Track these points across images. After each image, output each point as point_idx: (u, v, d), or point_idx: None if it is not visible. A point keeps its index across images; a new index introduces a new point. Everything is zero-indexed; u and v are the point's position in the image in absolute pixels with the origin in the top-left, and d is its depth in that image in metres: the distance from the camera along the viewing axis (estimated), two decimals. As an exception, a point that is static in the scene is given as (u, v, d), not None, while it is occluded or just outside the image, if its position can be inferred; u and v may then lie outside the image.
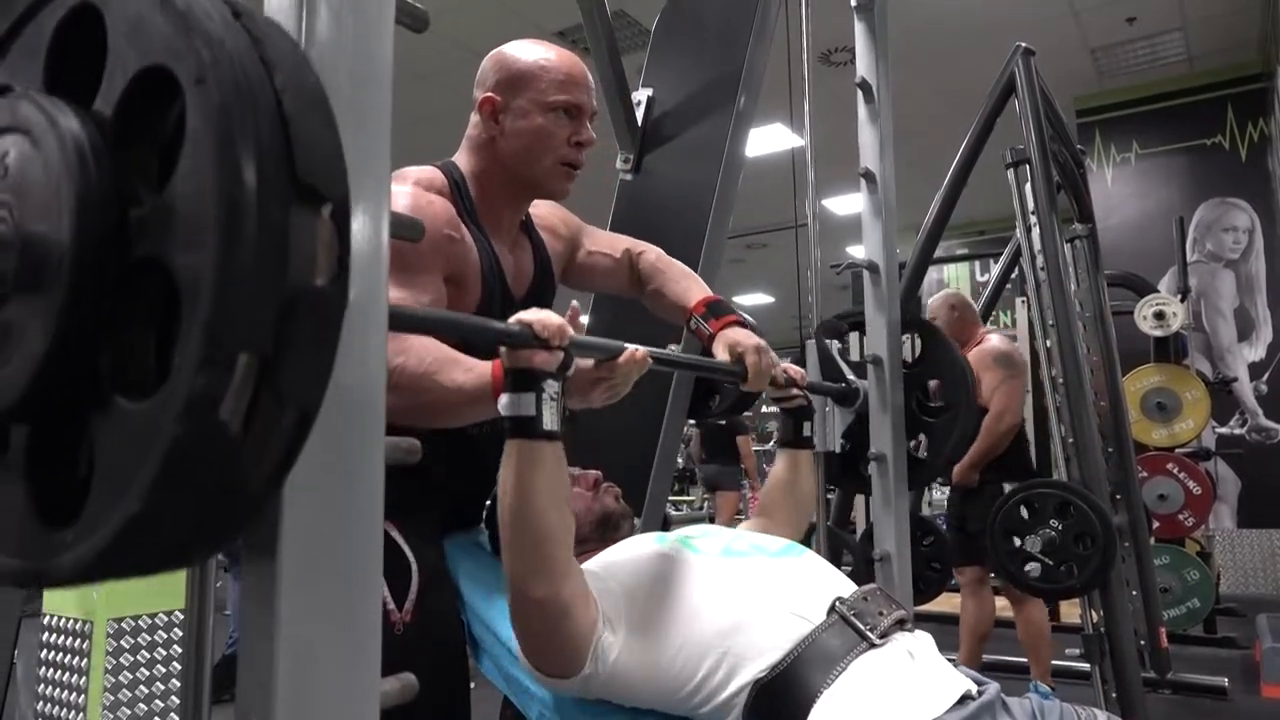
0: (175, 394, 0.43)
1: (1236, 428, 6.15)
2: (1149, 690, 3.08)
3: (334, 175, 0.48)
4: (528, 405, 1.00)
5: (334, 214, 0.48)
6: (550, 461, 1.02)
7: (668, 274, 1.55)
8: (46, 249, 0.46)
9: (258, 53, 0.47)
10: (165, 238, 0.45)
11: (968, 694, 0.98)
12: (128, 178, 0.48)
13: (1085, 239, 3.49)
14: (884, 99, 2.01)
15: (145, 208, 0.47)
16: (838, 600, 1.07)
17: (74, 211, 0.46)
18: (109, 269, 0.47)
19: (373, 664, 0.60)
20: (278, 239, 0.44)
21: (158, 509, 0.43)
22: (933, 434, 1.95)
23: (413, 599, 1.21)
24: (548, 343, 1.00)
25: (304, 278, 0.46)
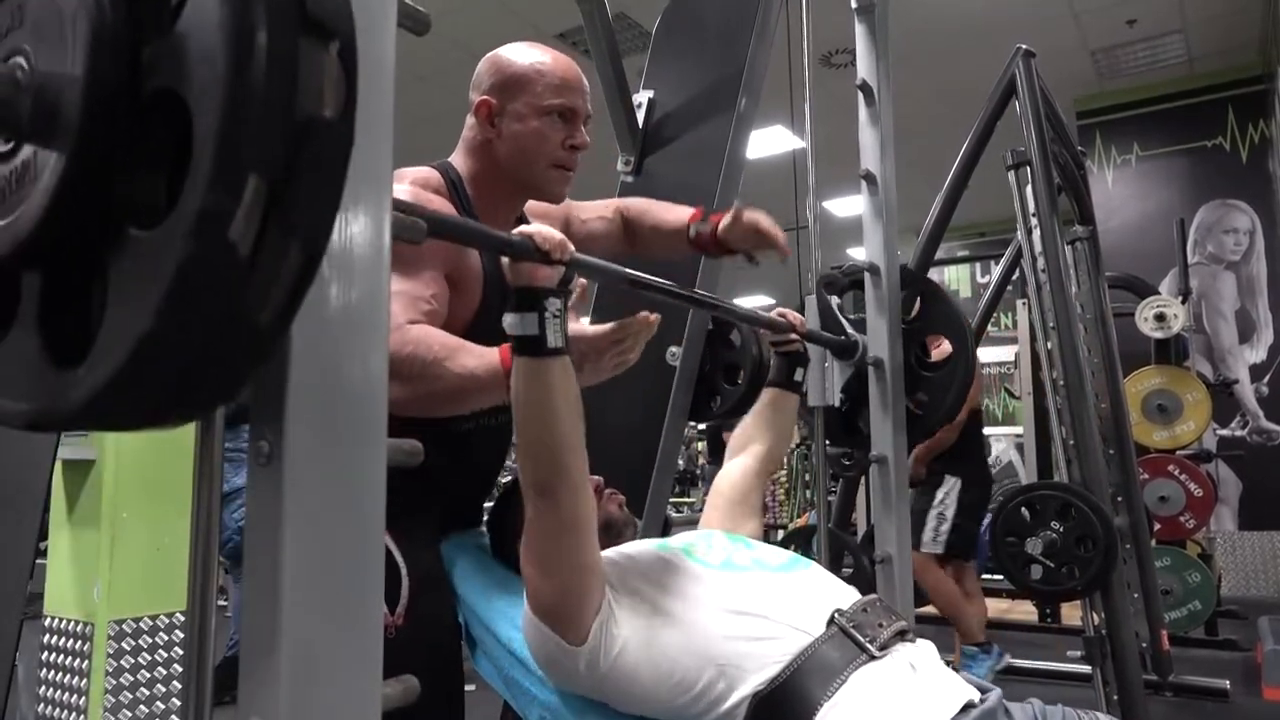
0: (185, 215, 0.44)
1: (1238, 430, 6.14)
2: (1150, 692, 3.08)
3: (341, 12, 0.49)
4: (531, 324, 1.01)
5: (341, 52, 0.48)
6: (557, 376, 1.03)
7: (653, 210, 1.63)
8: (61, 89, 0.47)
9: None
10: (177, 70, 0.46)
11: (970, 703, 0.98)
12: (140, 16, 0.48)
13: (1086, 241, 3.49)
14: (884, 101, 2.01)
15: (157, 45, 0.48)
16: (836, 612, 1.07)
17: (88, 50, 0.47)
18: (122, 104, 0.47)
19: (374, 666, 0.60)
20: (287, 68, 0.45)
21: (166, 330, 0.44)
22: (931, 388, 1.96)
23: (404, 603, 1.21)
24: (548, 255, 1.00)
25: (312, 108, 0.46)
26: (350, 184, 0.62)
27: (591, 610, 1.06)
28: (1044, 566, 2.45)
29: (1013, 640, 4.75)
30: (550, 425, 1.03)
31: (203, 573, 0.61)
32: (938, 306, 2.01)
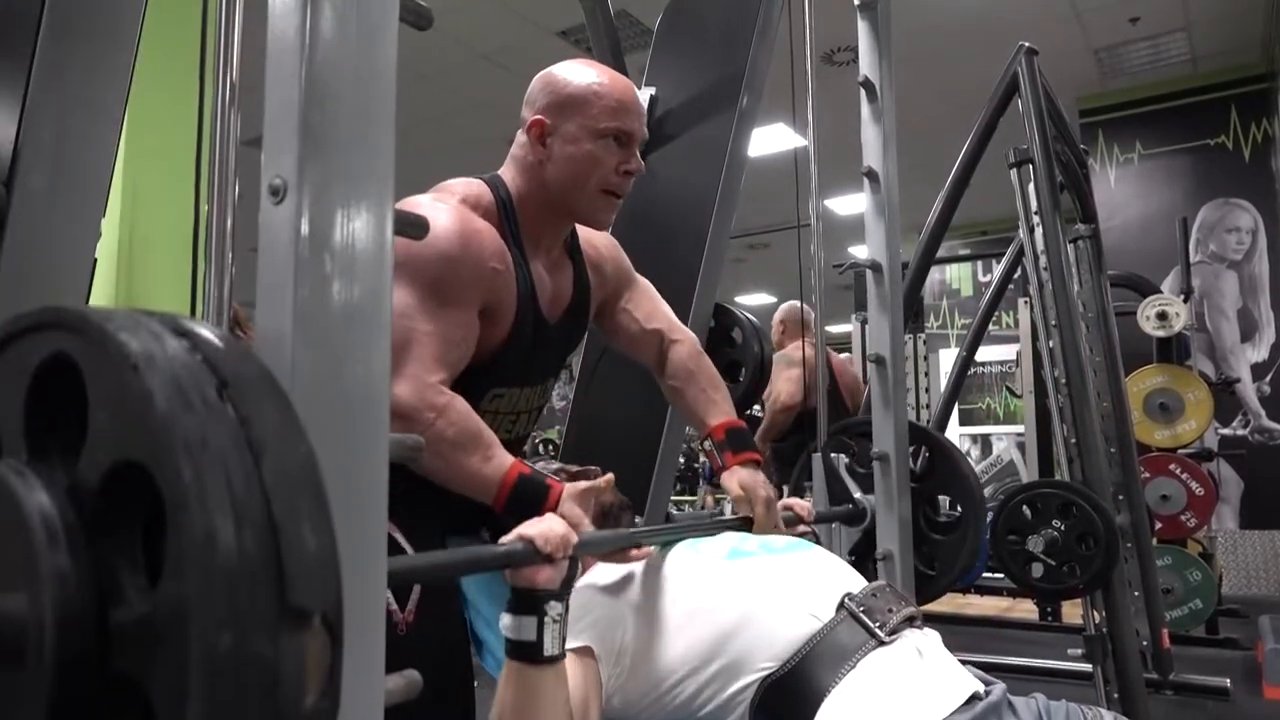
0: None
1: (1239, 429, 6.14)
2: (1151, 691, 3.08)
3: (326, 584, 0.45)
4: (529, 630, 0.97)
5: (324, 620, 0.45)
6: (550, 688, 1.00)
7: (695, 378, 1.49)
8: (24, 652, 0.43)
9: (245, 434, 0.44)
10: (146, 660, 0.43)
11: (976, 694, 0.98)
12: (111, 569, 0.45)
13: (1088, 239, 3.49)
14: (886, 98, 2.01)
15: (128, 611, 0.44)
16: (847, 596, 1.07)
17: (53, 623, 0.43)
18: (89, 682, 0.44)
19: (377, 660, 0.60)
20: (265, 676, 0.42)
21: None
22: (941, 550, 1.94)
23: (415, 599, 1.21)
24: (550, 557, 0.97)
25: (292, 704, 0.43)
26: (352, 182, 0.62)
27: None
28: (1045, 565, 2.44)
29: (1013, 639, 4.76)
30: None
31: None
32: (946, 464, 1.98)
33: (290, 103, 0.60)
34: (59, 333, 0.48)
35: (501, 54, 5.66)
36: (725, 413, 1.47)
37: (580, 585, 1.16)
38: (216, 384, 0.45)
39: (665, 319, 1.54)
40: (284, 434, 0.46)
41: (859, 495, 1.88)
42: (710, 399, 1.48)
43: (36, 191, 0.99)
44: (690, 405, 1.49)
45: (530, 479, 1.16)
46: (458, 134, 6.38)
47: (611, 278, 1.50)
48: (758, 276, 10.96)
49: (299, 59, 0.60)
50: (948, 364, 5.38)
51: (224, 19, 0.91)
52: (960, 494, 1.96)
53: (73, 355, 0.47)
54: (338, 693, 0.46)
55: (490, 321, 1.27)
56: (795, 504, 1.50)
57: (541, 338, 1.36)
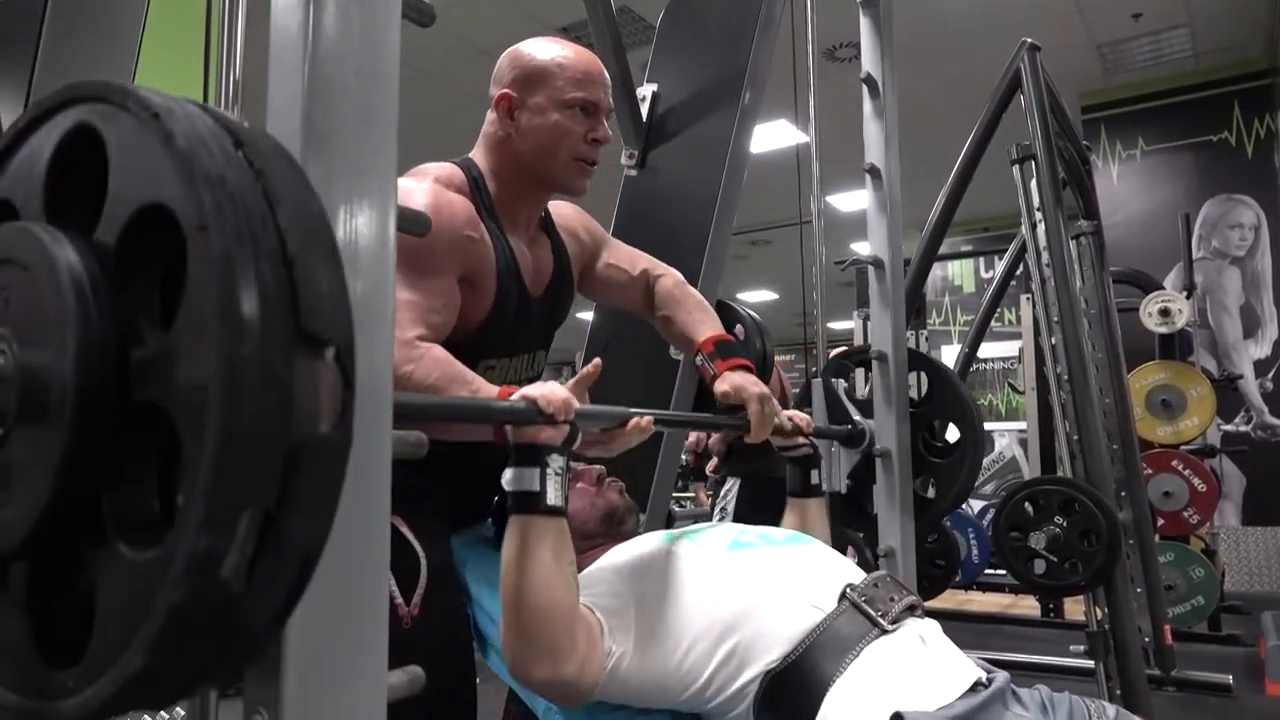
0: (176, 554, 0.42)
1: (1242, 425, 6.13)
2: (1153, 687, 3.08)
3: (338, 317, 0.47)
4: (531, 480, 0.98)
5: (338, 356, 0.47)
6: (553, 538, 1.01)
7: (682, 303, 1.52)
8: (48, 386, 0.46)
9: (260, 186, 0.46)
10: (166, 385, 0.45)
11: (979, 681, 0.99)
12: (130, 314, 0.47)
13: (1090, 235, 3.49)
14: (889, 95, 2.01)
15: (147, 348, 0.46)
16: (848, 587, 1.08)
17: (75, 351, 0.45)
18: (111, 410, 0.46)
19: (379, 656, 0.60)
20: (281, 392, 0.43)
21: (158, 665, 0.43)
22: (940, 474, 1.95)
23: (420, 593, 1.21)
24: (552, 418, 0.98)
25: (307, 428, 0.45)
26: (355, 178, 0.62)
27: (593, 688, 1.05)
28: (1047, 561, 2.44)
29: (1016, 635, 4.76)
30: (538, 595, 1.00)
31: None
32: (945, 390, 1.99)
33: (293, 99, 0.60)
34: (82, 106, 0.50)
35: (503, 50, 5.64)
36: (712, 328, 1.49)
37: (586, 571, 1.16)
38: (233, 140, 0.47)
39: (647, 260, 1.58)
40: (298, 190, 0.48)
41: (858, 418, 1.88)
42: (697, 319, 1.50)
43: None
44: (679, 330, 1.51)
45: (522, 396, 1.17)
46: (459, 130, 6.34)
47: (588, 241, 1.53)
48: (760, 273, 10.95)
49: (302, 56, 0.60)
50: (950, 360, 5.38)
51: (227, 16, 0.91)
52: (958, 417, 1.97)
53: (94, 123, 0.49)
54: (350, 430, 0.48)
55: (473, 292, 1.28)
56: (796, 415, 1.51)
57: (526, 310, 1.37)
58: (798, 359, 13.18)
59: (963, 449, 1.93)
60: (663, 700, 1.09)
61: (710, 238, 2.16)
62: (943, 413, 1.99)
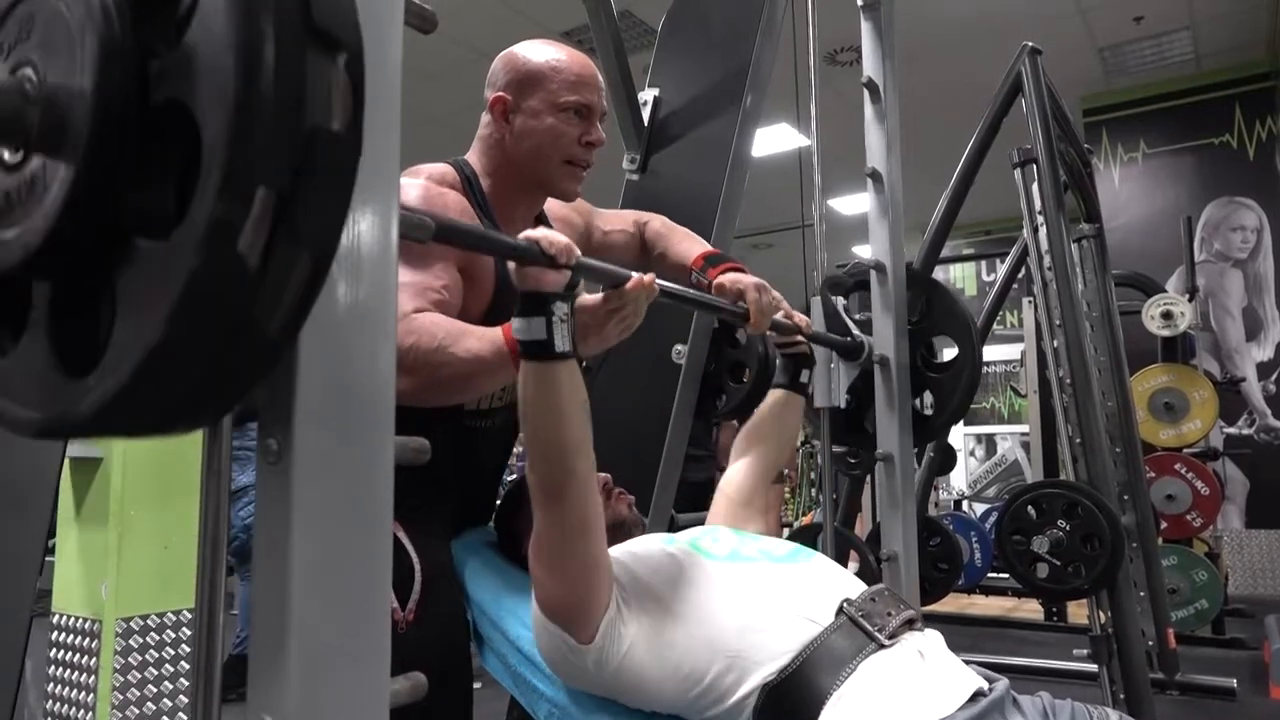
0: (195, 225, 0.44)
1: (1244, 428, 6.12)
2: (1157, 691, 3.07)
3: (349, 23, 0.49)
4: (538, 328, 1.00)
5: (349, 64, 0.48)
6: (565, 379, 1.03)
7: (670, 237, 1.61)
8: (70, 102, 0.47)
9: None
10: (185, 82, 0.46)
11: (979, 691, 0.98)
12: (148, 30, 0.48)
13: (1092, 239, 3.48)
14: (890, 98, 2.01)
15: (165, 58, 0.48)
16: (845, 602, 1.07)
17: (96, 62, 0.47)
18: (130, 116, 0.47)
19: (383, 663, 0.60)
20: (294, 79, 0.45)
21: (177, 338, 0.44)
22: (938, 389, 1.96)
23: (415, 599, 1.21)
24: (554, 260, 1.00)
25: (320, 119, 0.47)
26: (358, 182, 0.62)
27: (600, 609, 1.06)
28: (1050, 565, 2.44)
29: (1018, 639, 4.75)
30: (558, 428, 1.03)
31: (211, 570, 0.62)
32: (944, 306, 2.01)
33: (296, 105, 0.60)
34: None
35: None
36: (701, 247, 1.57)
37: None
38: None
39: (632, 214, 1.68)
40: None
41: (857, 333, 1.88)
42: (686, 246, 1.59)
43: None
44: (672, 260, 1.58)
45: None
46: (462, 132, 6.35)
47: (579, 222, 1.57)
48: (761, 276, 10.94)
49: (304, 61, 0.60)
50: (952, 364, 5.36)
51: (229, 21, 0.91)
52: (956, 333, 1.99)
53: None
54: (360, 134, 0.49)
55: (471, 284, 1.28)
56: (796, 315, 1.55)
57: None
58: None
59: (960, 365, 1.94)
60: (669, 699, 1.08)
61: (712, 241, 2.14)
62: (941, 328, 2.00)
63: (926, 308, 2.03)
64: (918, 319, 2.00)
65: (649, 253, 1.63)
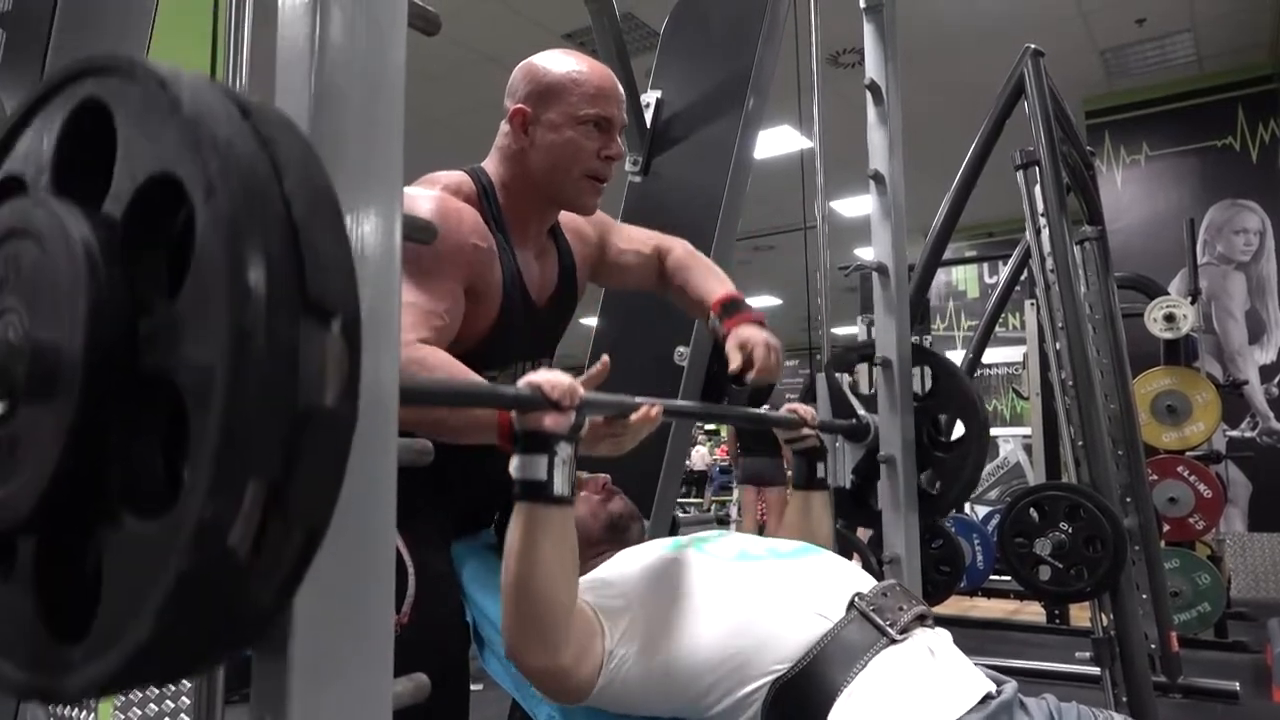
0: (184, 521, 0.43)
1: (1247, 431, 6.11)
2: (1159, 694, 3.07)
3: (344, 288, 0.47)
4: (539, 469, 0.97)
5: (344, 328, 0.47)
6: (559, 528, 1.00)
7: (692, 270, 1.55)
8: (57, 357, 0.46)
9: (267, 155, 0.46)
10: (173, 352, 0.45)
11: (989, 694, 0.98)
12: (137, 284, 0.47)
13: (1095, 241, 3.48)
14: (893, 100, 2.01)
15: (154, 317, 0.47)
16: (857, 596, 1.07)
17: (85, 321, 0.45)
18: (118, 380, 0.46)
19: (385, 665, 0.60)
20: (287, 360, 0.44)
21: (165, 635, 0.43)
22: (944, 469, 1.94)
23: (409, 602, 1.21)
24: (558, 404, 0.98)
25: (313, 398, 0.45)
26: (361, 185, 0.62)
27: (592, 685, 1.05)
28: (1052, 567, 2.43)
29: (1021, 641, 4.74)
30: (541, 586, 0.99)
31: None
32: (950, 384, 1.99)
33: (300, 107, 0.60)
34: (90, 79, 0.50)
35: (507, 56, 5.66)
36: (723, 289, 1.50)
37: (589, 576, 1.16)
38: (240, 109, 0.47)
39: (656, 237, 1.61)
40: (305, 160, 0.48)
41: (862, 413, 1.87)
42: (707, 283, 1.52)
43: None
44: (692, 295, 1.53)
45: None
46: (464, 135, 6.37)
47: (594, 235, 1.54)
48: (763, 279, 10.95)
49: (309, 64, 0.60)
50: (954, 366, 5.35)
51: (234, 24, 0.91)
52: (963, 411, 1.97)
53: (102, 97, 0.49)
54: (355, 403, 0.47)
55: (477, 301, 1.27)
56: (800, 408, 1.52)
57: (532, 321, 1.37)
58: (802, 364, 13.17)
59: (967, 444, 1.93)
60: (664, 707, 1.08)
61: (714, 243, 2.15)
62: (947, 407, 1.98)
63: (933, 385, 2.02)
64: (923, 397, 1.99)
65: (667, 282, 1.57)
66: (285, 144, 0.48)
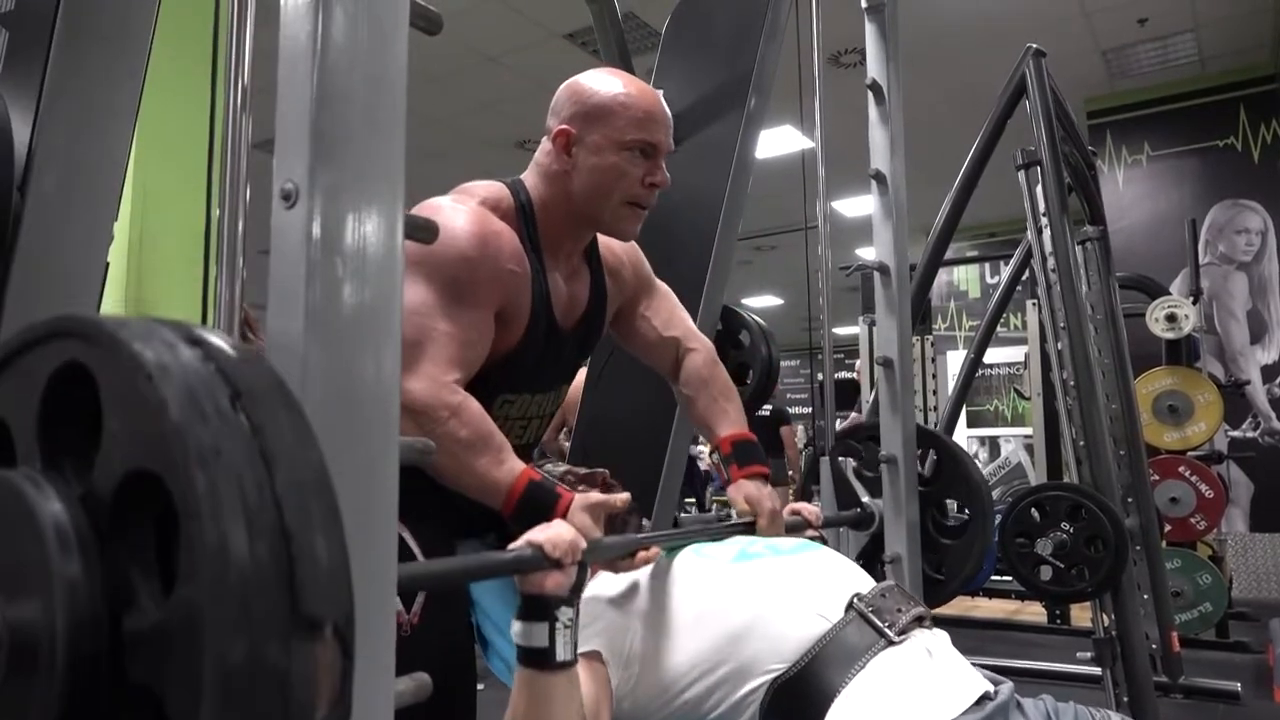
0: None
1: (1249, 431, 6.10)
2: (1161, 695, 3.07)
3: (338, 591, 0.45)
4: (540, 636, 0.97)
5: (336, 631, 0.45)
6: (562, 693, 0.99)
7: (708, 387, 1.48)
8: (36, 658, 0.44)
9: (258, 444, 0.44)
10: (159, 667, 0.43)
11: (986, 694, 0.98)
12: (123, 576, 0.45)
13: (1096, 241, 3.48)
14: (894, 101, 2.01)
15: (142, 616, 0.45)
16: (855, 597, 1.07)
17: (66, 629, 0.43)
18: (102, 689, 0.44)
19: (387, 664, 0.60)
20: (278, 684, 0.42)
21: None
22: (949, 554, 1.94)
23: (421, 601, 1.21)
24: (559, 563, 0.97)
25: (304, 716, 0.43)
26: (363, 186, 0.62)
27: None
28: (1054, 567, 2.43)
29: (1022, 641, 4.74)
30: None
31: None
32: (955, 469, 1.98)
33: (302, 107, 0.61)
34: (72, 341, 0.48)
35: (508, 56, 5.67)
36: (735, 424, 1.45)
37: (587, 595, 1.16)
38: (230, 394, 0.45)
39: (683, 326, 1.53)
40: (296, 444, 0.46)
41: (866, 499, 1.88)
42: (721, 409, 1.46)
43: (49, 195, 1.00)
44: (701, 415, 1.48)
45: (541, 485, 1.15)
46: (465, 135, 6.40)
47: (630, 283, 1.49)
48: (765, 278, 10.95)
49: (310, 64, 0.60)
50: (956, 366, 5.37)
51: (236, 24, 0.92)
52: (968, 497, 1.95)
53: (87, 364, 0.47)
54: (349, 704, 0.46)
55: (504, 325, 1.26)
56: (803, 509, 1.49)
57: (555, 345, 1.35)
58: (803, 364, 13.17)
59: (972, 530, 1.92)
60: (664, 711, 1.08)
61: (716, 243, 2.16)
62: (951, 491, 1.97)
63: (936, 467, 2.01)
64: (928, 480, 1.98)
65: (678, 384, 1.51)
66: (276, 428, 0.46)
